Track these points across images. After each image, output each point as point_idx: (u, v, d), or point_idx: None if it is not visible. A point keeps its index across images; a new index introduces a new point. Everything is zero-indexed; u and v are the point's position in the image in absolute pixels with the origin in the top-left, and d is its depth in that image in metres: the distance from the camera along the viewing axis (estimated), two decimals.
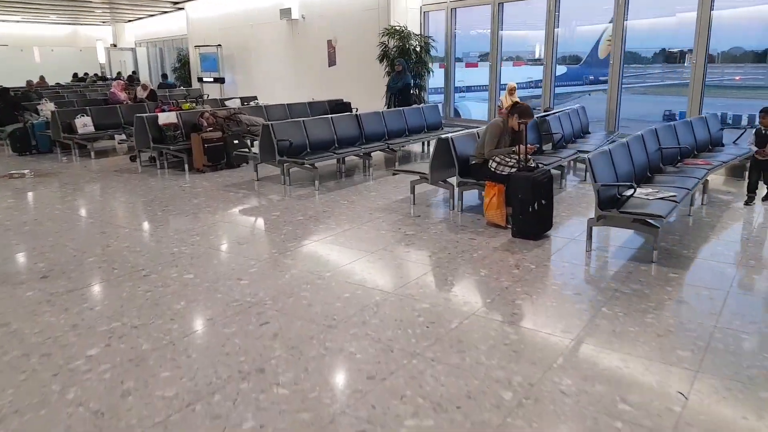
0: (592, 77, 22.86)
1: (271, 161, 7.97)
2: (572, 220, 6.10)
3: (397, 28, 12.04)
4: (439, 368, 3.17)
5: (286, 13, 14.81)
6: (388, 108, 11.24)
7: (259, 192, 7.74)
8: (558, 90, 10.96)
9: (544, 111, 9.40)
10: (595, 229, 5.09)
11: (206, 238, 5.73)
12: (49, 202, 7.50)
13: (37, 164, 10.13)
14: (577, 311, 3.89)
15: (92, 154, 10.72)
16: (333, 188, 7.81)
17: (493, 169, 5.80)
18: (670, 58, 23.13)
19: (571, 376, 3.07)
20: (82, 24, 28.01)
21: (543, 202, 5.33)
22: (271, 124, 7.81)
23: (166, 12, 22.21)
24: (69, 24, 27.84)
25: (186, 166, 9.13)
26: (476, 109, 15.01)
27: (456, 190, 6.47)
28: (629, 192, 4.90)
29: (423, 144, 10.72)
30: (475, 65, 15.92)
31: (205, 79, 18.87)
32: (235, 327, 3.73)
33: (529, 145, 5.82)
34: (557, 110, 8.70)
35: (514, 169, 5.63)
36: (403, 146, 9.86)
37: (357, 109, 11.46)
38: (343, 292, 4.26)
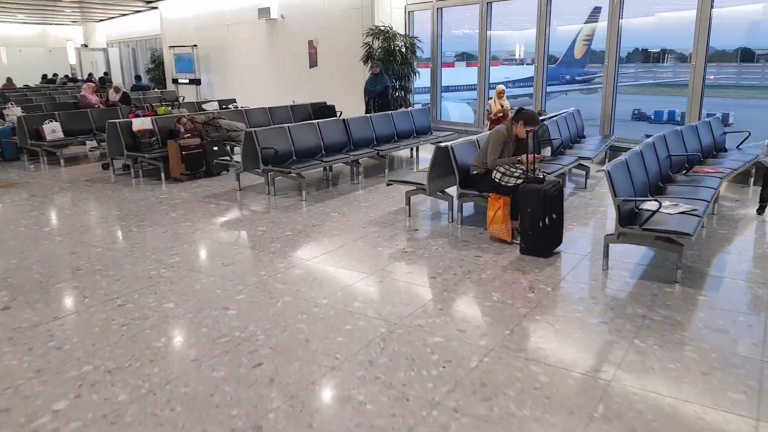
0: (568, 77, 22.78)
1: (255, 170, 7.48)
2: (579, 233, 5.74)
3: (382, 28, 11.60)
4: (464, 422, 2.75)
5: (264, 12, 14.28)
6: (366, 113, 10.71)
7: (242, 203, 7.24)
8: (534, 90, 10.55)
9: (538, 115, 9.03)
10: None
11: (187, 258, 5.24)
12: (14, 216, 6.91)
13: (2, 173, 9.50)
14: (607, 344, 3.51)
15: (62, 161, 10.11)
16: (321, 198, 7.35)
17: (497, 180, 5.39)
18: (647, 57, 23.17)
19: (616, 429, 2.68)
20: (51, 24, 27.05)
21: (554, 216, 4.95)
22: (255, 131, 7.30)
23: (138, 11, 21.47)
24: (38, 23, 26.88)
25: (162, 175, 8.58)
26: (454, 109, 14.64)
27: (456, 201, 6.07)
28: (649, 206, 4.53)
29: (411, 149, 10.27)
30: (452, 65, 15.58)
31: (180, 81, 18.23)
32: (225, 370, 3.27)
33: (536, 155, 5.44)
34: (553, 114, 8.34)
35: (520, 181, 5.24)
36: (391, 152, 9.43)
37: (341, 113, 11.01)
38: (343, 324, 3.82)
